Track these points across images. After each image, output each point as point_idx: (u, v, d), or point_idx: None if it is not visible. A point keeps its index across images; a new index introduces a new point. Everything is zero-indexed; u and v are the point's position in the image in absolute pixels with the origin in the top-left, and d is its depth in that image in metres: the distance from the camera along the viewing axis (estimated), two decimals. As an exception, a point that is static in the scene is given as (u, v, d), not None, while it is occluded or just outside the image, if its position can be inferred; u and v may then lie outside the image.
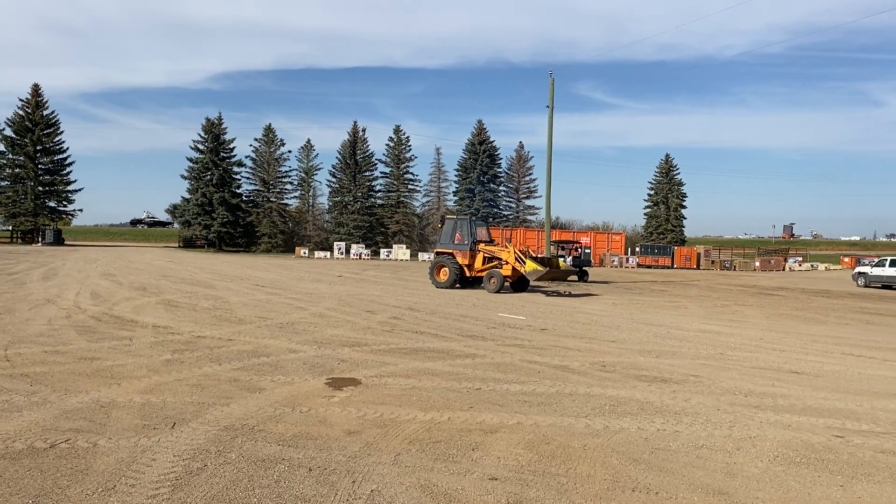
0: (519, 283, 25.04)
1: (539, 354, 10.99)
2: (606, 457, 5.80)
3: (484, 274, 24.98)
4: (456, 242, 25.76)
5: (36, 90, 74.66)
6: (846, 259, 76.17)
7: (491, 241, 26.71)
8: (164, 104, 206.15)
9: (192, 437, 5.94)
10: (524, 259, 23.76)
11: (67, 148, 77.25)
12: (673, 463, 5.70)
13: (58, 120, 76.01)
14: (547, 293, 25.07)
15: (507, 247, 25.12)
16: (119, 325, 12.89)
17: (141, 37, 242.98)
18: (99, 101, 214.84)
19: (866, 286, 38.24)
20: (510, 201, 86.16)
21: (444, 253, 26.00)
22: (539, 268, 23.41)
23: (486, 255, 25.22)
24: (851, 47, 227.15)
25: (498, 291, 23.86)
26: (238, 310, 16.02)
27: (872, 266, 39.24)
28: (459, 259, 25.33)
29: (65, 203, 77.71)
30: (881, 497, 5.10)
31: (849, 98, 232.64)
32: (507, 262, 24.31)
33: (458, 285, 25.30)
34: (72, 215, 79.65)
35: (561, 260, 27.81)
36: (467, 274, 25.40)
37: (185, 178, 76.40)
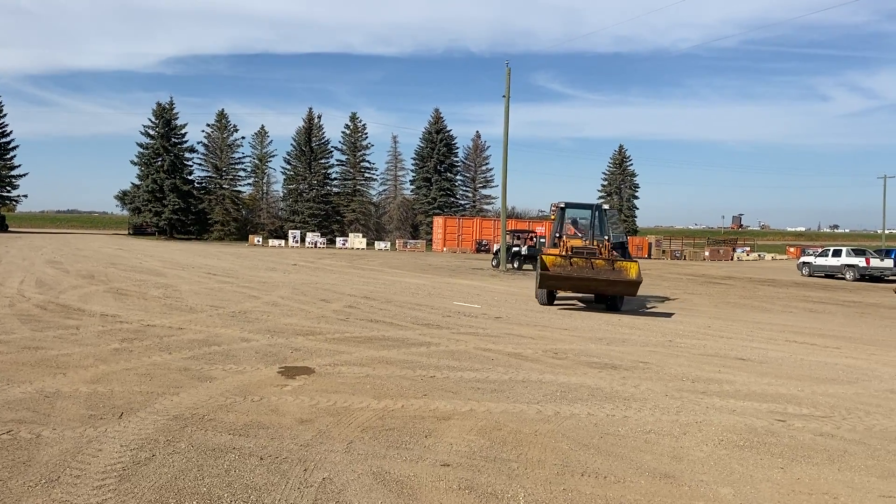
0: (607, 297, 17.24)
1: (493, 342, 11.07)
2: (557, 442, 5.88)
3: None
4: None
5: (-23, 71, 72.01)
6: (792, 249, 78.34)
7: (589, 236, 18.72)
8: (115, 88, 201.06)
9: (140, 426, 5.84)
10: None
11: (11, 132, 75.00)
12: (622, 448, 5.81)
13: (1, 102, 73.55)
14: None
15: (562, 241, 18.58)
16: (65, 313, 12.56)
17: (92, 18, 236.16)
18: (45, 84, 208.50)
19: (810, 275, 39.40)
20: (467, 190, 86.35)
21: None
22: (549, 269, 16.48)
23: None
24: (801, 43, 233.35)
25: (545, 304, 17.49)
26: (189, 298, 15.76)
27: (816, 256, 40.45)
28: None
29: (8, 188, 75.37)
30: (819, 478, 5.29)
31: (798, 92, 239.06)
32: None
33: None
34: (16, 201, 77.39)
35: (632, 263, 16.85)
36: None
37: (135, 163, 74.71)
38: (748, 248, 76.69)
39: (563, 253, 17.39)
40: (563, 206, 19.20)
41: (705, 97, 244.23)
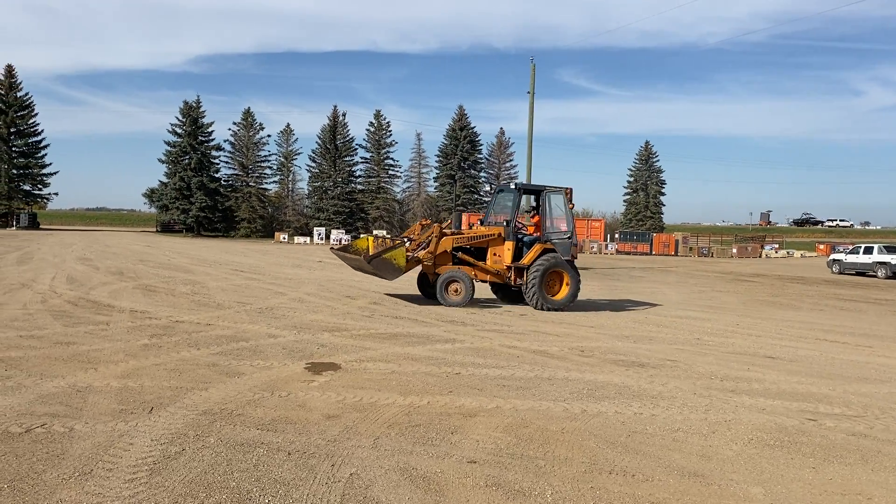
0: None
1: (518, 339, 11.05)
2: (584, 440, 5.85)
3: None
4: None
5: (10, 71, 73.33)
6: (821, 246, 77.19)
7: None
8: (143, 87, 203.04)
9: (170, 421, 5.91)
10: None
11: (42, 130, 76.18)
12: (649, 446, 5.77)
13: (32, 102, 74.84)
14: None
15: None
16: (96, 309, 12.76)
17: (119, 17, 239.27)
18: (75, 83, 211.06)
19: (841, 273, 38.80)
20: (491, 188, 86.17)
21: None
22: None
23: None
24: (832, 36, 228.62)
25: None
26: (216, 295, 15.92)
27: (847, 253, 39.81)
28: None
29: (40, 186, 76.66)
30: (852, 478, 5.20)
31: (828, 87, 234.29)
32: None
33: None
34: (47, 199, 78.80)
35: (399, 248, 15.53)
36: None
37: (163, 161, 75.65)
38: (777, 246, 75.76)
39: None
40: (499, 189, 17.71)
41: (733, 92, 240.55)
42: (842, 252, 40.94)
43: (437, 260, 15.82)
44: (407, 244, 16.14)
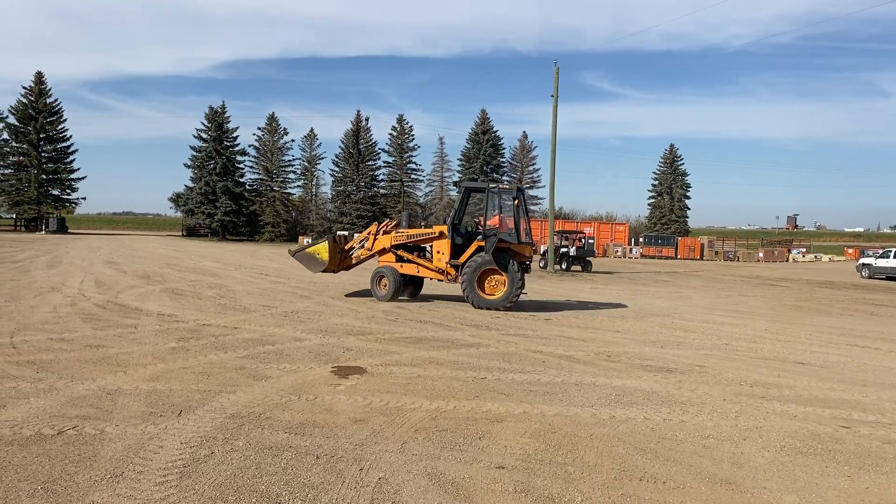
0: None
1: (544, 344, 10.98)
2: (613, 446, 5.79)
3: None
4: None
5: (39, 78, 74.49)
6: (850, 250, 76.03)
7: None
8: (168, 92, 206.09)
9: (198, 424, 5.95)
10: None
11: (70, 136, 77.24)
12: (679, 452, 5.69)
13: (61, 108, 75.98)
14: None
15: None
16: (124, 312, 12.90)
17: (146, 24, 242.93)
18: (102, 89, 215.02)
19: (870, 277, 38.14)
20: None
21: None
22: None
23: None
24: (860, 37, 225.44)
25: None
26: (242, 298, 16.03)
27: (877, 257, 39.12)
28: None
29: (68, 191, 77.77)
30: (889, 487, 5.09)
31: (856, 88, 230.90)
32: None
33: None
34: (75, 203, 79.74)
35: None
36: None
37: (189, 166, 76.43)
38: (804, 250, 74.79)
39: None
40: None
41: (759, 95, 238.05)
42: (871, 256, 40.25)
43: (380, 257, 17.11)
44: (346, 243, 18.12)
